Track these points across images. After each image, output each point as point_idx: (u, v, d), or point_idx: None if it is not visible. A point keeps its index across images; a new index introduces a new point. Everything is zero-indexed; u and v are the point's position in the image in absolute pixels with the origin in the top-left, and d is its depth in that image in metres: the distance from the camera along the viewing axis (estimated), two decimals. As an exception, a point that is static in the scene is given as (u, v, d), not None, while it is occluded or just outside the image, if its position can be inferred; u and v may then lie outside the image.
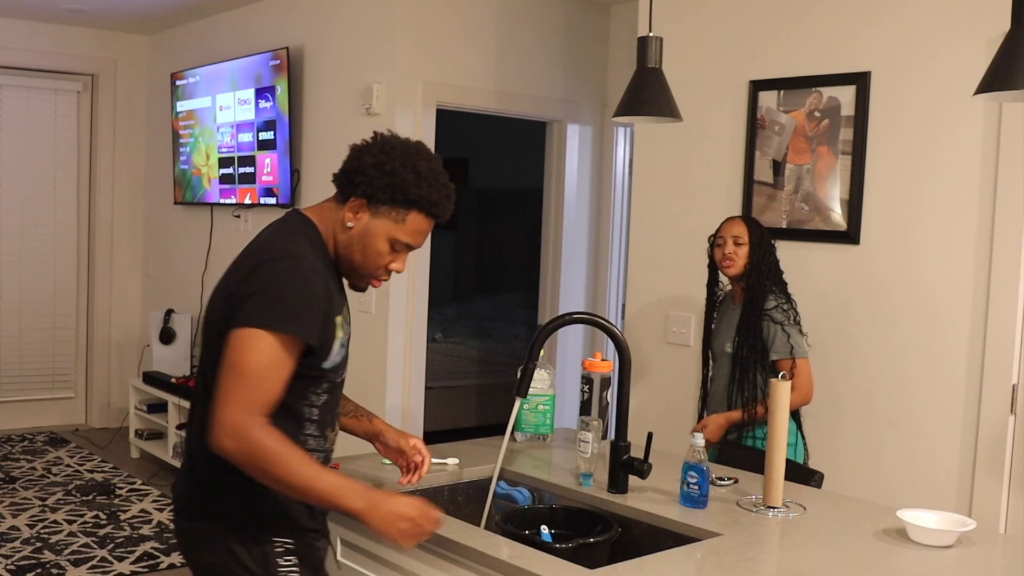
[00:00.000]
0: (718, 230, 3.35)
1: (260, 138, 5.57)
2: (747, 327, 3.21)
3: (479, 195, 9.01)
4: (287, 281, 1.88)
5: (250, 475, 1.84)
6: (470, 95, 4.99)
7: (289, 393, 1.92)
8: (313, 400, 2.00)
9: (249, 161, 5.70)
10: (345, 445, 5.03)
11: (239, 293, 1.89)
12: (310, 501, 1.91)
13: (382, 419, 2.37)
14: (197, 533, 2.03)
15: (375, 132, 2.03)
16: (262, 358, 1.84)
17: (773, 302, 3.21)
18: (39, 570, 4.24)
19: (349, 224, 1.98)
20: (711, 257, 3.40)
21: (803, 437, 3.30)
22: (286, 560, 1.98)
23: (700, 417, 3.45)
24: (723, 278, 3.43)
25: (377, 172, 1.94)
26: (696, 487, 2.33)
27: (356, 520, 1.90)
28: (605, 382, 2.78)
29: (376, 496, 1.89)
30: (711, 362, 3.46)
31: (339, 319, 1.98)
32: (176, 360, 6.36)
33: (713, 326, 3.47)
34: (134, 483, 5.68)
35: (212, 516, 2.00)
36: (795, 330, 3.20)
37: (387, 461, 2.63)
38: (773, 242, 3.32)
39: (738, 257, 3.25)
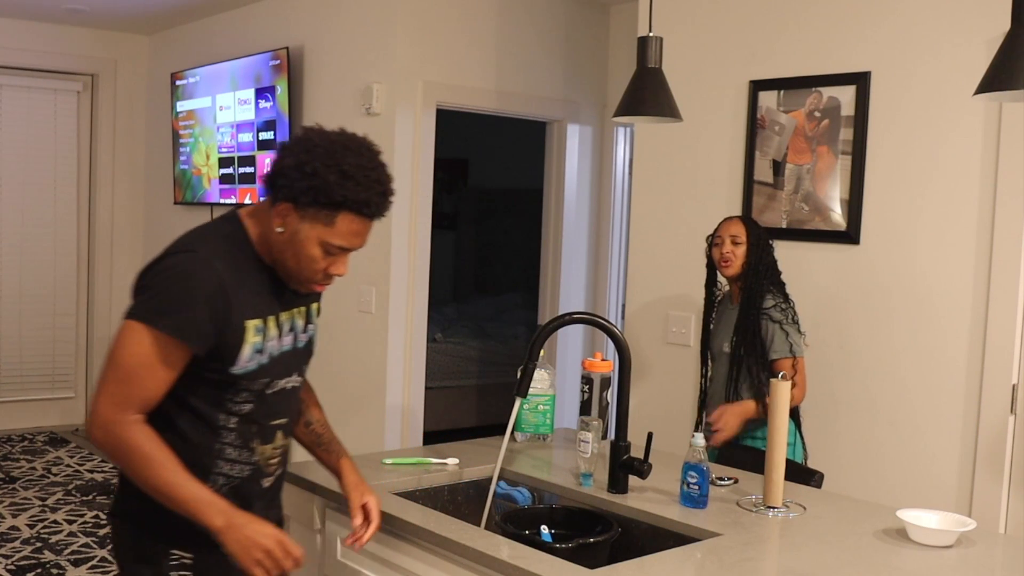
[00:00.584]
0: (716, 230, 3.35)
1: (260, 138, 5.57)
2: (745, 326, 3.21)
3: (479, 195, 9.01)
4: (175, 278, 1.82)
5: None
6: (470, 95, 4.99)
7: (202, 398, 1.88)
8: (232, 408, 1.91)
9: (249, 161, 5.70)
10: (345, 445, 5.03)
11: (137, 286, 1.87)
12: (172, 508, 1.82)
13: (352, 463, 2.21)
14: (113, 529, 2.02)
15: (302, 127, 1.90)
16: (138, 354, 1.79)
17: (771, 301, 3.21)
18: (39, 570, 4.24)
19: (279, 229, 1.86)
20: (709, 257, 3.40)
21: (802, 437, 3.30)
22: (179, 575, 1.94)
23: (698, 417, 3.45)
24: (721, 278, 3.42)
25: (298, 174, 1.79)
26: (696, 487, 2.33)
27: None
28: (605, 382, 2.78)
29: (238, 519, 1.82)
30: (709, 362, 3.46)
31: (252, 323, 1.88)
32: (176, 360, 6.35)
33: (712, 326, 3.47)
34: (134, 483, 5.68)
35: (123, 515, 1.98)
36: (793, 329, 3.20)
37: (388, 461, 2.64)
38: (771, 242, 3.32)
39: (736, 257, 3.25)
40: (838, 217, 3.50)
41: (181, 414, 1.89)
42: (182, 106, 6.41)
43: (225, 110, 5.90)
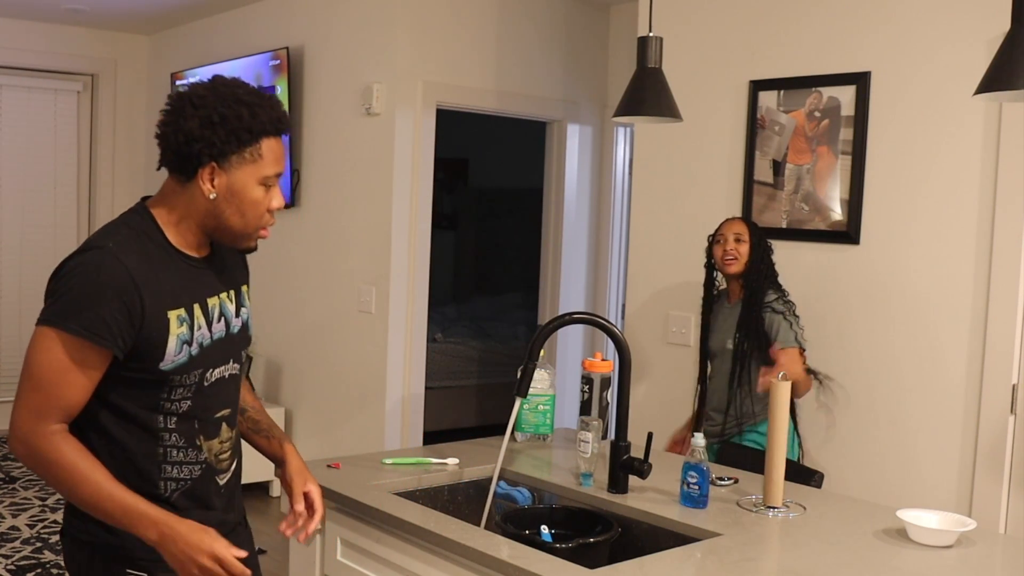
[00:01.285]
0: (718, 229, 3.38)
1: (260, 138, 5.56)
2: (748, 323, 3.24)
3: (479, 195, 9.01)
4: (81, 276, 1.71)
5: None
6: (470, 95, 4.99)
7: (136, 401, 1.78)
8: (168, 408, 1.81)
9: (249, 161, 5.69)
10: (345, 445, 5.02)
11: (46, 290, 1.77)
12: (101, 518, 1.74)
13: (295, 448, 2.12)
14: (64, 550, 1.92)
15: (169, 96, 1.82)
16: (50, 360, 1.70)
17: (773, 295, 3.26)
18: (39, 570, 4.24)
19: (211, 195, 1.77)
20: (709, 256, 3.42)
21: (798, 435, 3.31)
22: None
23: (698, 416, 3.45)
24: (719, 278, 3.44)
25: (209, 129, 1.73)
26: (696, 487, 2.33)
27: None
28: (605, 382, 2.78)
29: (172, 530, 1.71)
30: (708, 361, 3.47)
31: (174, 313, 1.78)
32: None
33: (710, 325, 3.47)
34: (134, 483, 5.68)
35: (73, 535, 1.87)
36: (796, 321, 3.24)
37: (388, 461, 2.64)
38: (770, 244, 3.36)
39: (740, 255, 3.28)
40: (838, 217, 3.50)
41: (118, 423, 1.79)
42: (182, 106, 6.40)
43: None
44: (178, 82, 6.36)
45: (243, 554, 1.75)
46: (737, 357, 3.26)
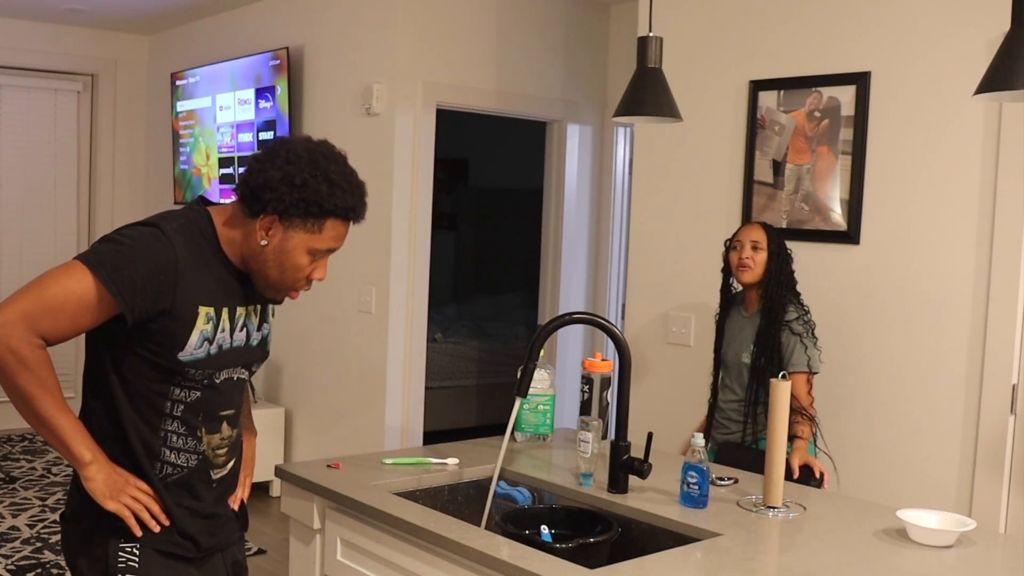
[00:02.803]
0: (735, 234, 3.27)
1: (260, 138, 5.57)
2: (766, 338, 3.13)
3: (479, 195, 9.01)
4: (130, 241, 1.80)
5: None
6: (470, 95, 4.99)
7: (145, 382, 1.86)
8: (177, 395, 1.89)
9: (249, 161, 5.70)
10: (345, 445, 5.03)
11: (99, 240, 1.86)
12: (43, 435, 1.83)
13: (254, 442, 2.25)
14: (64, 533, 1.99)
15: (276, 137, 1.92)
16: (68, 288, 1.76)
17: (794, 313, 3.14)
18: (39, 570, 4.24)
19: (263, 242, 1.87)
20: (726, 261, 3.30)
21: (818, 451, 3.27)
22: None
23: (708, 427, 3.34)
24: (733, 282, 3.33)
25: (287, 187, 1.81)
26: (696, 487, 2.33)
27: (76, 469, 1.85)
28: (605, 382, 2.78)
29: (106, 461, 1.85)
30: (721, 369, 3.34)
31: (204, 310, 1.86)
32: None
33: (725, 333, 3.36)
34: (134, 483, 5.67)
35: (73, 515, 1.96)
36: (812, 343, 3.14)
37: (388, 461, 2.64)
38: (790, 251, 3.24)
39: (756, 264, 3.17)
40: (838, 217, 3.50)
41: (127, 399, 1.87)
42: (182, 106, 6.41)
43: (225, 110, 5.90)
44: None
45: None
46: (754, 372, 3.16)
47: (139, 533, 1.87)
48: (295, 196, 1.81)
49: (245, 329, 1.97)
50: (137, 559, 1.89)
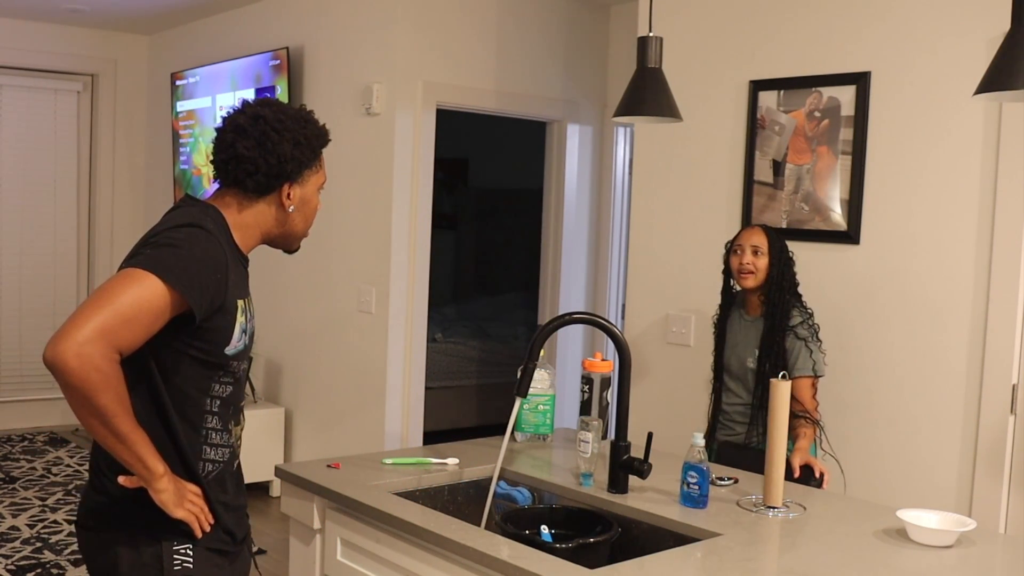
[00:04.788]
0: (736, 238, 3.25)
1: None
2: (771, 343, 3.12)
3: (479, 195, 9.01)
4: (188, 243, 1.84)
5: (70, 400, 1.74)
6: (470, 95, 4.99)
7: (191, 383, 1.89)
8: (217, 391, 1.94)
9: (249, 161, 5.69)
10: (345, 445, 5.03)
11: (142, 243, 1.86)
12: (117, 451, 1.79)
13: None
14: (96, 542, 1.95)
15: (234, 123, 1.99)
16: (140, 297, 1.75)
17: (799, 318, 3.13)
18: (39, 570, 4.24)
19: (291, 209, 1.99)
20: (726, 263, 3.28)
21: (822, 451, 3.27)
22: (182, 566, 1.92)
23: (711, 431, 3.31)
24: (734, 285, 3.30)
25: (299, 149, 1.96)
26: (696, 487, 2.33)
27: (146, 483, 1.82)
28: (605, 382, 2.78)
29: (173, 475, 1.85)
30: (724, 375, 3.31)
31: (241, 303, 1.94)
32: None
33: (726, 337, 3.33)
34: (134, 483, 5.67)
35: (113, 525, 1.92)
36: (817, 348, 3.13)
37: (388, 461, 2.64)
38: (792, 255, 3.23)
39: (757, 269, 3.15)
40: (838, 217, 3.50)
41: (176, 404, 1.89)
42: (182, 106, 6.41)
43: (225, 110, 5.90)
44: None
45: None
46: (760, 377, 3.13)
47: (200, 535, 1.90)
48: (307, 154, 1.97)
49: (254, 317, 2.06)
50: (191, 559, 1.91)
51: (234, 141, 1.95)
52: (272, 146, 1.93)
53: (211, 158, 2.02)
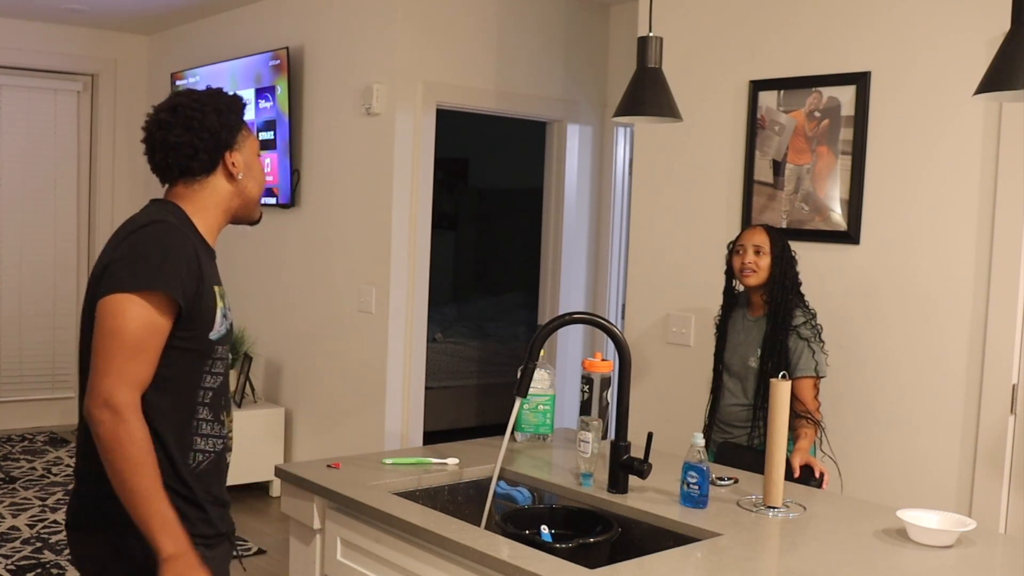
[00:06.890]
0: (738, 238, 3.25)
1: (260, 138, 5.57)
2: (773, 343, 3.12)
3: (479, 195, 9.01)
4: (150, 242, 1.87)
5: (101, 454, 1.77)
6: (470, 95, 4.99)
7: (183, 371, 1.90)
8: (207, 382, 1.96)
9: (249, 161, 5.69)
10: (345, 445, 5.02)
11: (109, 262, 1.88)
12: (133, 512, 1.79)
13: None
14: (86, 543, 1.96)
15: (156, 120, 2.00)
16: (139, 324, 1.80)
17: (802, 318, 3.13)
18: (39, 570, 4.24)
19: (239, 175, 2.03)
20: (729, 264, 3.28)
21: (823, 453, 3.26)
22: None
23: (708, 431, 3.31)
24: (736, 284, 3.30)
25: (223, 118, 2.00)
26: (696, 487, 2.33)
27: (154, 554, 1.79)
28: (605, 382, 2.78)
29: (186, 555, 1.79)
30: (724, 375, 3.30)
31: (217, 289, 1.97)
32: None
33: (727, 337, 3.33)
34: (134, 483, 5.67)
35: (99, 526, 1.92)
36: (820, 348, 3.13)
37: (388, 461, 2.64)
38: (794, 254, 3.22)
39: (760, 268, 3.14)
40: (838, 217, 3.50)
41: (164, 392, 1.88)
42: (182, 106, 6.40)
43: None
44: (181, 82, 6.36)
45: None
46: (762, 377, 3.12)
47: None
48: (232, 122, 2.02)
49: (230, 307, 2.08)
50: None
51: (164, 137, 1.98)
52: (199, 123, 1.97)
53: (150, 165, 2.04)
